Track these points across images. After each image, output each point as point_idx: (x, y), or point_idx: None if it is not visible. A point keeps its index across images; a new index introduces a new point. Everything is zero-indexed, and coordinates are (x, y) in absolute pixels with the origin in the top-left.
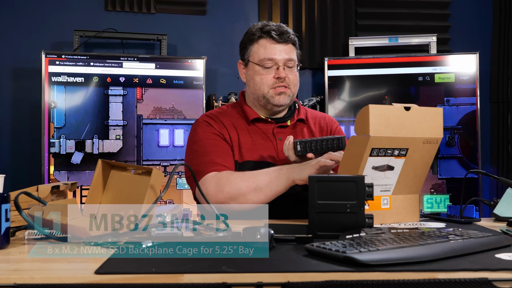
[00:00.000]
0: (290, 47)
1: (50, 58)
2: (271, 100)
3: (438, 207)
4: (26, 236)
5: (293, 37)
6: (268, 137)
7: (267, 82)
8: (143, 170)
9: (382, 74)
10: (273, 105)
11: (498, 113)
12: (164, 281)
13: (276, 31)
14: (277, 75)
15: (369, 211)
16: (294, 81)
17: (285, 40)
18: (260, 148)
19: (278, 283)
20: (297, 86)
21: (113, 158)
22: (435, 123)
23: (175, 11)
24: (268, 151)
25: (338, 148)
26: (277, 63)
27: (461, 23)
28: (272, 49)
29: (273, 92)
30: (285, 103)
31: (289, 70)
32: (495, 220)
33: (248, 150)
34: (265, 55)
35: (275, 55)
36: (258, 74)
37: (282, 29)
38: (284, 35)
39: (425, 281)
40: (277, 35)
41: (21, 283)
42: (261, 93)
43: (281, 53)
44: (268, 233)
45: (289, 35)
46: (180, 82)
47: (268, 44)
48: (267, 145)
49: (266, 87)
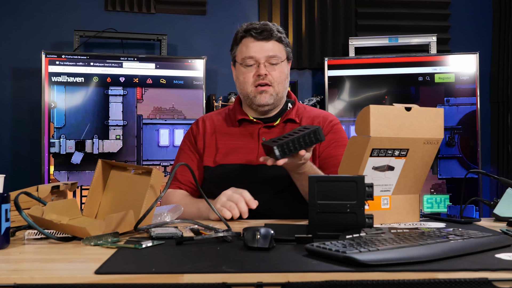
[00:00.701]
0: (273, 43)
1: (50, 58)
2: (254, 100)
3: (438, 207)
4: (26, 236)
5: (276, 34)
6: (253, 138)
7: (249, 80)
8: (143, 170)
9: (382, 74)
10: (257, 105)
11: (498, 113)
12: (164, 281)
13: (257, 29)
14: (257, 72)
15: (369, 211)
16: (278, 79)
17: (266, 37)
18: (240, 150)
19: (278, 283)
20: (283, 84)
21: (113, 158)
22: (435, 123)
23: (175, 11)
24: (249, 153)
25: (317, 140)
26: (257, 60)
27: (461, 23)
28: (253, 47)
29: (255, 91)
30: (268, 103)
31: (271, 67)
32: (495, 220)
33: (225, 154)
34: (246, 54)
35: (255, 52)
36: (241, 74)
37: (265, 27)
38: (265, 32)
39: (425, 281)
40: (257, 33)
41: (21, 283)
42: (245, 92)
43: (261, 50)
44: (268, 233)
45: (271, 32)
46: (180, 82)
47: (249, 43)
48: (249, 146)
49: (249, 85)
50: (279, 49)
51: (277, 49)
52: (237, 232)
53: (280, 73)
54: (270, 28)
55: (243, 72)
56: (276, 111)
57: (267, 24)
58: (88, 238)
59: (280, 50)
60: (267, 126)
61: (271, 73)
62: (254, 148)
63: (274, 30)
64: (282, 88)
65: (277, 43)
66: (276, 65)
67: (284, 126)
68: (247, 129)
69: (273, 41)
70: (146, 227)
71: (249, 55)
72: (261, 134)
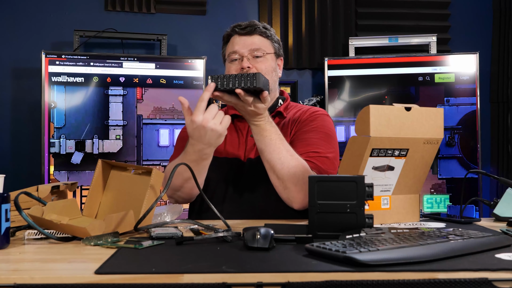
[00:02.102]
0: (257, 37)
1: (50, 58)
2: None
3: (438, 207)
4: (26, 236)
5: (261, 29)
6: (242, 134)
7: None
8: (143, 170)
9: (382, 74)
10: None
11: (498, 113)
12: (164, 281)
13: (241, 25)
14: (240, 66)
15: (369, 211)
16: (263, 70)
17: (249, 32)
18: (230, 145)
19: (278, 283)
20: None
21: (113, 158)
22: (435, 123)
23: (175, 11)
24: (237, 148)
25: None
26: (241, 54)
27: (461, 23)
28: (236, 42)
29: None
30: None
31: (255, 60)
32: (495, 220)
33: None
34: (231, 49)
35: (238, 46)
36: (227, 69)
37: (249, 23)
38: (249, 27)
39: (425, 281)
40: (241, 29)
41: (21, 283)
42: None
43: (244, 44)
44: (268, 233)
45: (255, 27)
46: (180, 82)
47: (234, 40)
48: (238, 141)
49: None
50: (264, 43)
51: (262, 42)
52: (237, 232)
53: (266, 66)
54: (255, 24)
55: (228, 67)
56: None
57: (253, 22)
58: (88, 238)
59: (265, 44)
60: None
61: (255, 65)
62: (242, 143)
63: (259, 26)
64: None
65: (262, 37)
66: (261, 57)
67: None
68: (237, 125)
69: (257, 35)
70: (146, 227)
71: (233, 50)
72: (250, 131)
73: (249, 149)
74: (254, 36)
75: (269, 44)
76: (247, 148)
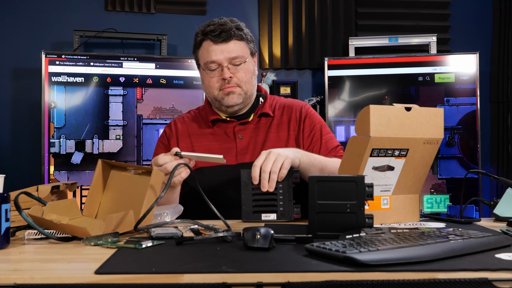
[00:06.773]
0: (233, 43)
1: (50, 58)
2: (222, 102)
3: (438, 207)
4: (26, 236)
5: (235, 32)
6: (229, 137)
7: (214, 85)
8: (143, 170)
9: (382, 74)
10: (226, 107)
11: (498, 113)
12: (164, 281)
13: (215, 31)
14: (221, 76)
15: (369, 211)
16: (244, 78)
17: (225, 39)
18: (217, 151)
19: (278, 283)
20: (250, 82)
21: (113, 158)
22: (435, 123)
23: (175, 11)
24: (226, 153)
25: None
26: (220, 63)
27: (461, 23)
28: (213, 51)
29: (222, 94)
30: (237, 103)
31: (235, 68)
32: (495, 220)
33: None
34: (208, 58)
35: (216, 56)
36: (206, 78)
37: (222, 27)
38: (223, 33)
39: (425, 281)
40: (215, 35)
41: (21, 283)
42: (212, 96)
43: (222, 53)
44: (268, 233)
45: (229, 32)
46: (180, 82)
47: (209, 47)
48: (226, 146)
49: (215, 89)
50: (241, 48)
51: (239, 48)
52: (237, 232)
53: (246, 73)
54: (229, 28)
55: (207, 76)
56: (247, 107)
57: (225, 24)
58: (88, 238)
59: (242, 48)
60: (242, 123)
61: (236, 74)
62: (232, 148)
63: (232, 28)
64: (250, 86)
65: (238, 41)
66: (240, 65)
67: (258, 120)
68: (221, 128)
69: (234, 40)
70: (146, 227)
71: (211, 59)
72: (237, 132)
73: (240, 152)
74: (230, 43)
75: (245, 47)
76: (238, 151)
